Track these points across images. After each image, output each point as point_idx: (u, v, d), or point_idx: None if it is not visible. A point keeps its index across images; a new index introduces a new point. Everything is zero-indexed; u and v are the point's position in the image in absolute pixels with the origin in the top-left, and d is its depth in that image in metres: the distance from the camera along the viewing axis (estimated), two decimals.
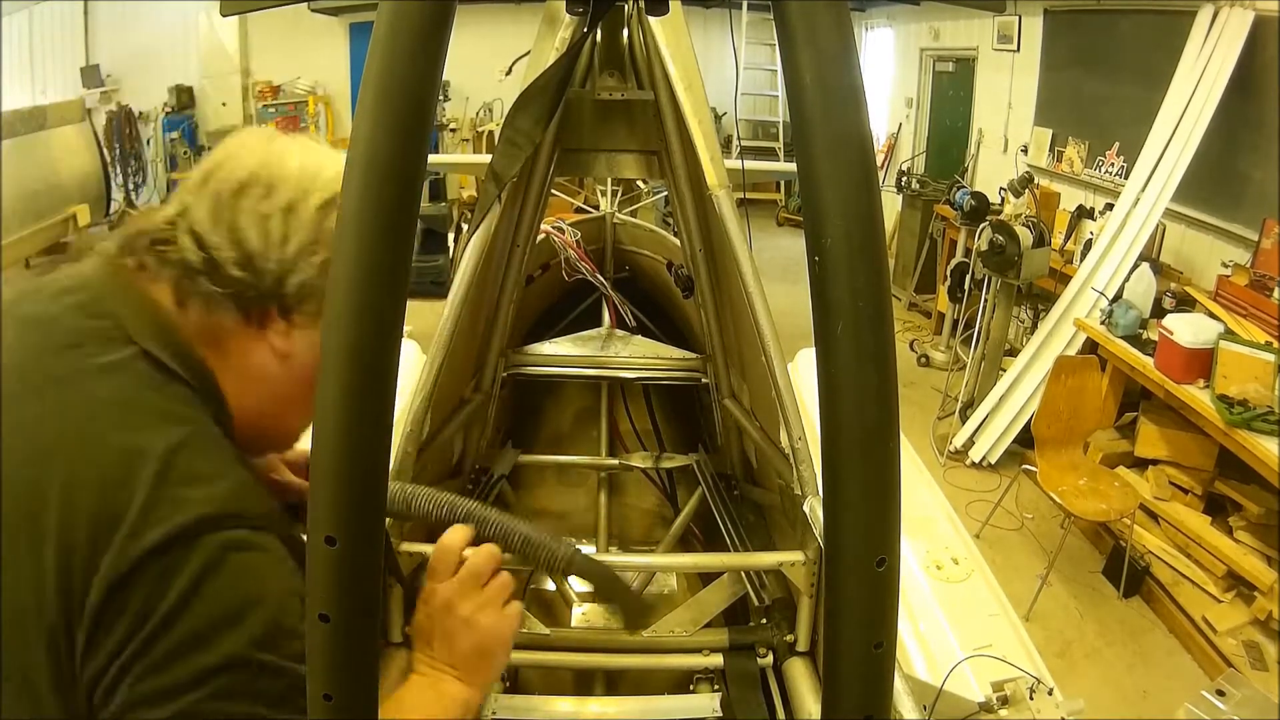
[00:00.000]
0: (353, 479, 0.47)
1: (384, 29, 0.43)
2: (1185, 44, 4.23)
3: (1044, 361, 4.35)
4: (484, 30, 6.45)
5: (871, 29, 9.08)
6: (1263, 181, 3.95)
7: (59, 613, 0.67)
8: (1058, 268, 4.64)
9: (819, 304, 0.44)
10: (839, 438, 0.46)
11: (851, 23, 0.44)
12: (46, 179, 7.32)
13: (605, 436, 2.60)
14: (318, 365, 0.47)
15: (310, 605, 0.49)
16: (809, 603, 1.31)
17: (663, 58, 1.43)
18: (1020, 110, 6.19)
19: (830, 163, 0.43)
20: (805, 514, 1.28)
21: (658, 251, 2.67)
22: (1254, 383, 3.12)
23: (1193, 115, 4.10)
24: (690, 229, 1.76)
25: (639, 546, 2.36)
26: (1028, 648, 1.72)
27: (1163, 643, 3.29)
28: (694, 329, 2.28)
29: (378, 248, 0.45)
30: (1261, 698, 2.27)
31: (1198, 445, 3.50)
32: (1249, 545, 3.26)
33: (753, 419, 1.75)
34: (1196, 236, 4.44)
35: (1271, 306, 3.53)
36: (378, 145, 0.44)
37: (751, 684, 1.32)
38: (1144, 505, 3.53)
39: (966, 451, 4.57)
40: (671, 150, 1.61)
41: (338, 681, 0.51)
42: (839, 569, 0.49)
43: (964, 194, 5.14)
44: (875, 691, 0.51)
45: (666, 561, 1.99)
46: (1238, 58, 3.95)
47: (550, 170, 1.71)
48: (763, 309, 1.35)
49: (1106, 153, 5.18)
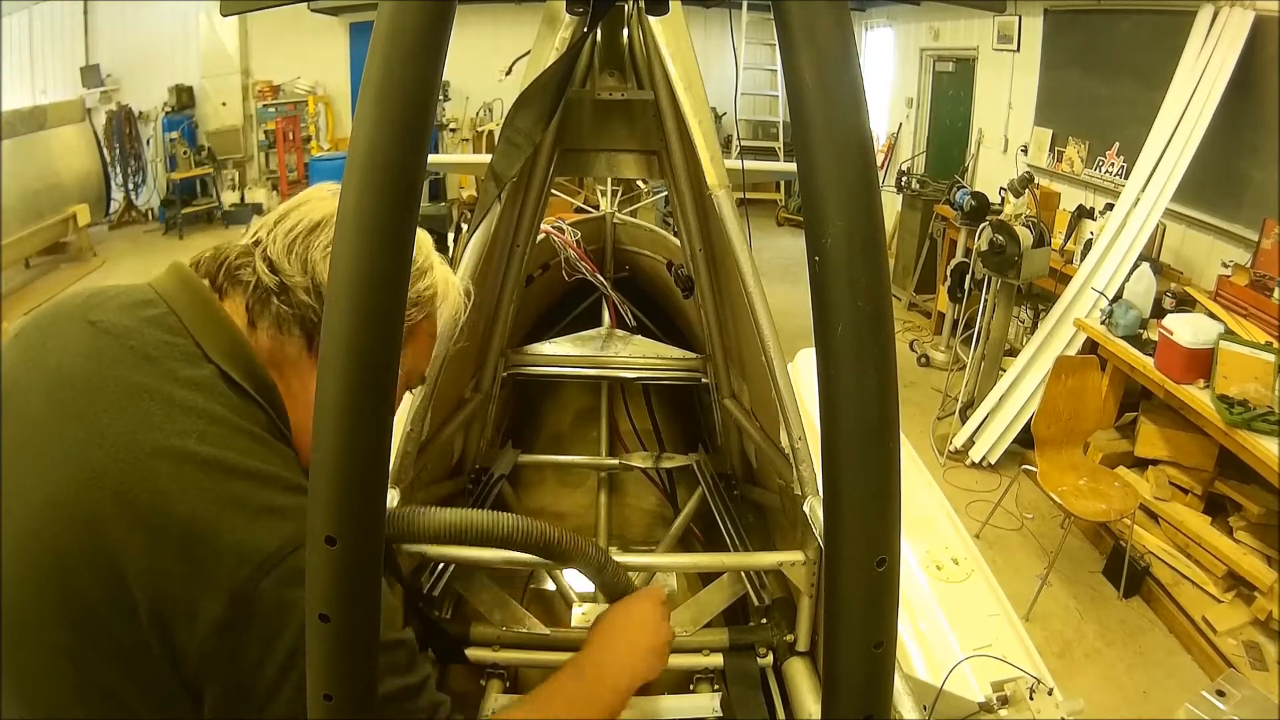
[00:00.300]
0: (353, 479, 0.47)
1: (384, 29, 0.43)
2: (1185, 44, 4.23)
3: (1044, 361, 4.35)
4: (484, 30, 6.45)
5: (871, 29, 9.08)
6: (1263, 181, 3.95)
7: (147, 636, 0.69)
8: (1058, 268, 4.64)
9: (819, 304, 0.44)
10: (839, 438, 0.46)
11: (851, 23, 0.44)
12: (46, 179, 7.33)
13: (605, 436, 2.60)
14: None
15: (310, 605, 0.49)
16: (809, 603, 1.31)
17: (663, 58, 1.43)
18: (1020, 110, 6.19)
19: (830, 163, 0.43)
20: (805, 514, 1.28)
21: (658, 251, 2.67)
22: (1254, 383, 3.12)
23: (1193, 115, 4.10)
24: (690, 229, 1.76)
25: (639, 546, 2.35)
26: (1028, 648, 1.72)
27: (1163, 643, 3.29)
28: (694, 329, 2.28)
29: (378, 248, 0.45)
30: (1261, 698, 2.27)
31: (1198, 445, 3.49)
32: (1249, 545, 3.26)
33: (753, 419, 1.75)
34: (1196, 236, 4.44)
35: (1271, 306, 3.53)
36: (378, 145, 0.44)
37: (751, 684, 1.32)
38: (1144, 505, 3.53)
39: (966, 451, 4.57)
40: (671, 150, 1.61)
41: (338, 681, 0.51)
42: (839, 569, 0.49)
43: (964, 194, 5.14)
44: (875, 691, 0.51)
45: (666, 561, 1.98)
46: (1238, 58, 3.95)
47: (550, 170, 1.71)
48: (763, 309, 1.35)
49: (1106, 153, 5.18)
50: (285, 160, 9.33)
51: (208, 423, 0.74)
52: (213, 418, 0.74)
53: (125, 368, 0.75)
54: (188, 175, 9.02)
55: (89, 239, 7.91)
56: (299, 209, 0.87)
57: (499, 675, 1.36)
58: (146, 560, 0.69)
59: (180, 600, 0.69)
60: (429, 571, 1.47)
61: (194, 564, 0.69)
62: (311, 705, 0.51)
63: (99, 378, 0.75)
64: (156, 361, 0.76)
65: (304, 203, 0.88)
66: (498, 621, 1.40)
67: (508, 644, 1.35)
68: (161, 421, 0.72)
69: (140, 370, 0.75)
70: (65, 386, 0.75)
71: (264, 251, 0.83)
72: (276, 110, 9.49)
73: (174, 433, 0.72)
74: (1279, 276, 3.61)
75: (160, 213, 9.12)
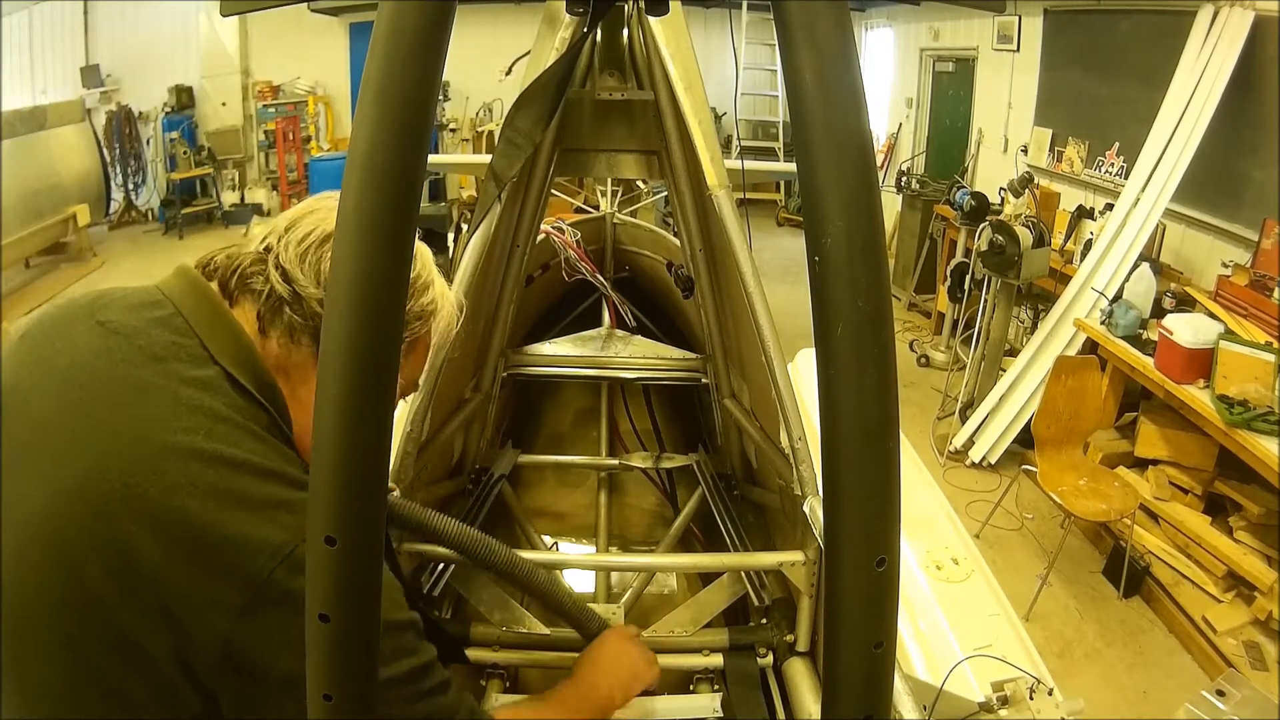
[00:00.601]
0: (353, 479, 0.47)
1: (384, 29, 0.43)
2: (1185, 44, 4.23)
3: (1044, 361, 4.35)
4: (484, 30, 6.45)
5: (871, 29, 9.08)
6: (1263, 181, 3.95)
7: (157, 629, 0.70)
8: (1058, 268, 4.64)
9: (819, 304, 0.44)
10: (839, 438, 0.46)
11: (851, 23, 0.44)
12: (46, 179, 7.33)
13: (605, 436, 2.60)
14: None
15: (310, 605, 0.49)
16: (809, 603, 1.31)
17: (663, 58, 1.43)
18: (1020, 110, 6.19)
19: (830, 163, 0.43)
20: (805, 514, 1.28)
21: (658, 251, 2.67)
22: (1254, 383, 3.12)
23: (1193, 115, 4.09)
24: (690, 229, 1.76)
25: (639, 546, 2.35)
26: (1028, 648, 1.72)
27: (1163, 643, 3.29)
28: (694, 329, 2.28)
29: (378, 248, 0.45)
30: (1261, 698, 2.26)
31: (1198, 445, 3.49)
32: (1249, 545, 3.26)
33: (753, 419, 1.76)
34: (1196, 236, 4.44)
35: (1271, 306, 3.53)
36: (378, 145, 0.44)
37: (751, 684, 1.32)
38: (1144, 505, 3.53)
39: (966, 451, 4.57)
40: (671, 150, 1.61)
41: (338, 681, 0.51)
42: (839, 569, 0.49)
43: (964, 194, 5.13)
44: (875, 691, 0.51)
45: (666, 561, 1.99)
46: (1238, 58, 3.95)
47: (550, 170, 1.71)
48: (763, 309, 1.35)
49: (1106, 153, 5.17)
50: (285, 160, 9.33)
51: (213, 420, 0.75)
52: (218, 416, 0.76)
53: (134, 366, 0.76)
54: (188, 175, 9.03)
55: (89, 239, 7.91)
56: (309, 217, 0.87)
57: (499, 675, 1.36)
58: (158, 554, 0.70)
59: (192, 593, 0.70)
60: (429, 571, 1.47)
61: (204, 557, 0.71)
62: (311, 705, 0.51)
63: (109, 376, 0.76)
64: (164, 361, 0.77)
65: (312, 211, 0.88)
66: (498, 621, 1.40)
67: (508, 644, 1.35)
68: (169, 419, 0.74)
69: (148, 369, 0.76)
70: (75, 386, 0.76)
71: (276, 260, 0.84)
72: (276, 110, 9.49)
73: (181, 429, 0.73)
74: (1279, 276, 3.61)
75: (160, 213, 9.12)
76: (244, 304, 0.84)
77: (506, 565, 1.14)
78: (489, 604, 1.44)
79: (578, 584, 2.02)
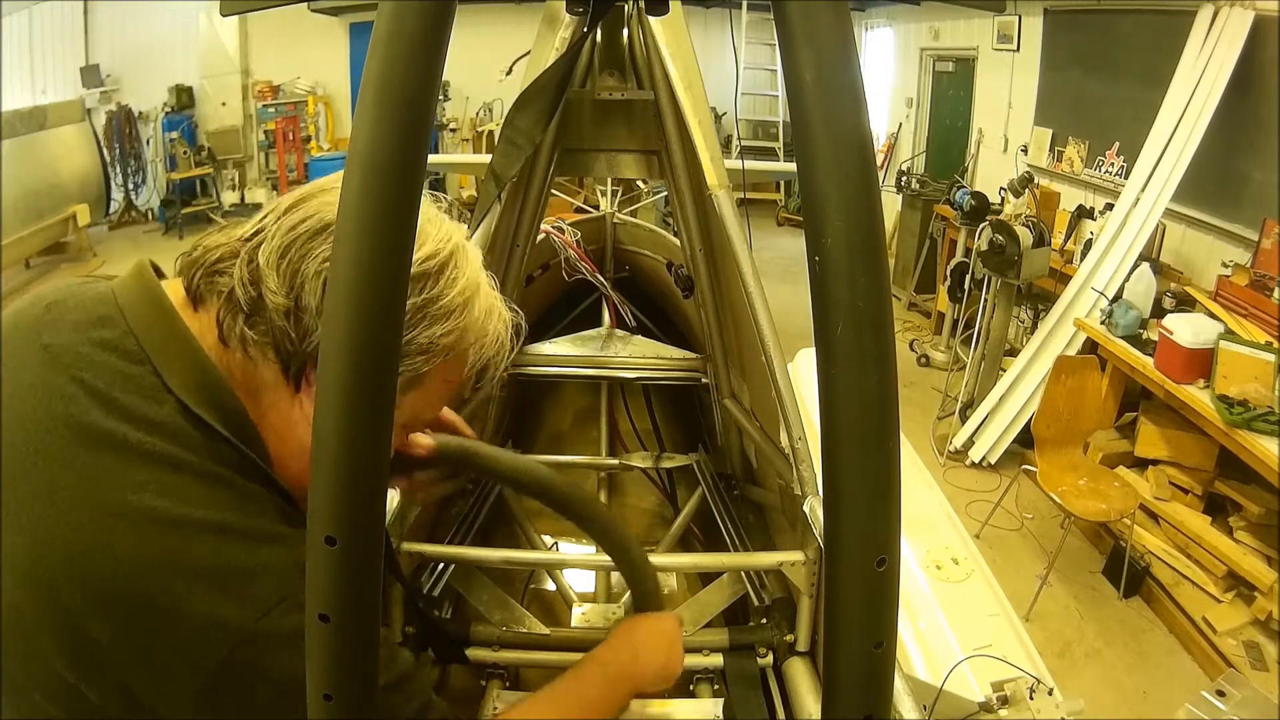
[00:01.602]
0: (353, 479, 0.47)
1: (384, 29, 0.43)
2: (1185, 44, 4.23)
3: (1044, 361, 4.35)
4: (484, 30, 6.44)
5: (871, 29, 9.08)
6: (1263, 181, 3.95)
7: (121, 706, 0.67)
8: (1058, 268, 4.64)
9: (819, 304, 0.44)
10: (839, 438, 0.46)
11: (851, 23, 0.44)
12: (46, 179, 7.33)
13: (605, 436, 2.60)
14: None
15: (310, 605, 0.49)
16: (809, 603, 1.31)
17: (663, 58, 1.44)
18: (1020, 110, 6.19)
19: (830, 163, 0.43)
20: (805, 514, 1.28)
21: (658, 251, 2.67)
22: (1254, 383, 3.12)
23: (1192, 115, 4.10)
24: (690, 229, 1.76)
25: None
26: (1028, 648, 1.72)
27: (1163, 643, 3.29)
28: (694, 329, 2.28)
29: (378, 248, 0.45)
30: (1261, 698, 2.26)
31: (1198, 445, 3.49)
32: (1249, 545, 3.26)
33: (753, 419, 1.76)
34: (1196, 236, 4.44)
35: (1271, 306, 3.53)
36: (378, 145, 0.44)
37: (752, 684, 1.32)
38: (1144, 505, 3.53)
39: (966, 451, 4.57)
40: (671, 150, 1.61)
41: (338, 681, 0.51)
42: (839, 569, 0.49)
43: (964, 194, 5.14)
44: (875, 691, 0.51)
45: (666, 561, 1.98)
46: (1238, 58, 3.95)
47: (550, 170, 1.71)
48: (763, 309, 1.35)
49: (1106, 153, 5.18)
50: (285, 160, 9.32)
51: (168, 470, 0.67)
52: (174, 464, 0.67)
53: (76, 406, 0.67)
54: (188, 175, 9.02)
55: (89, 239, 7.91)
56: (313, 200, 0.74)
57: (499, 675, 1.36)
58: (107, 635, 0.65)
59: (150, 674, 0.66)
60: (429, 571, 1.47)
61: (157, 638, 0.65)
62: (311, 705, 0.51)
63: (48, 419, 0.67)
64: (110, 401, 0.68)
65: (321, 191, 0.75)
66: (498, 621, 1.40)
67: (508, 644, 1.35)
68: (118, 473, 0.66)
69: (92, 411, 0.67)
70: (15, 427, 0.68)
71: (253, 252, 0.72)
72: (276, 110, 9.49)
73: (130, 486, 0.66)
74: (1279, 276, 3.61)
75: (160, 213, 9.12)
76: (208, 306, 0.73)
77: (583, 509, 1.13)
78: (489, 604, 1.44)
79: (578, 584, 2.02)
